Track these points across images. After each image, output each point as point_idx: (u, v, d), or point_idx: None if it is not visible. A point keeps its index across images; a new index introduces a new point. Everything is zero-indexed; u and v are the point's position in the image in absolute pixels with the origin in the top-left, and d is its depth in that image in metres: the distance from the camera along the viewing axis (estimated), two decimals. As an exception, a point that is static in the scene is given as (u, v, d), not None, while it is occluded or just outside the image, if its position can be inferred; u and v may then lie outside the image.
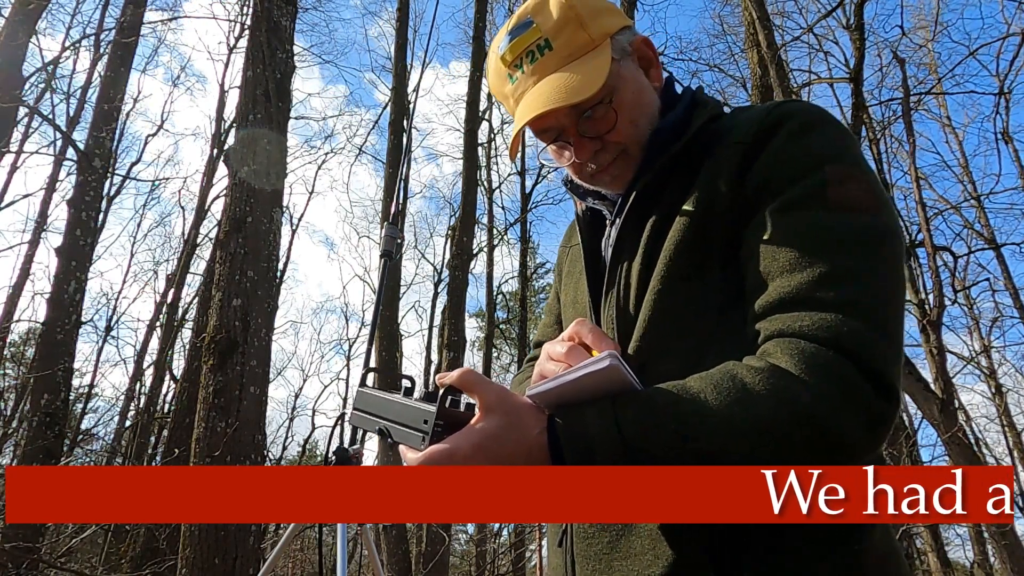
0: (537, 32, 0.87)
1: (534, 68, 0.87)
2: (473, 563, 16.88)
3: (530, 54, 0.87)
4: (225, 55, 15.53)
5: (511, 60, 0.89)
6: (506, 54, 0.89)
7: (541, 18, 0.87)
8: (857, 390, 0.65)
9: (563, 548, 0.87)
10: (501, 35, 0.91)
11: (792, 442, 0.65)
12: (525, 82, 0.88)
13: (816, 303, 0.70)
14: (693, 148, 0.86)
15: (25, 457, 6.78)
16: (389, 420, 0.77)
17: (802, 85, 10.40)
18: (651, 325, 0.82)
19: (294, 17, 6.08)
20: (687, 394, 0.68)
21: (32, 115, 10.76)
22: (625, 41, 0.90)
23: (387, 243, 2.22)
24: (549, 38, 0.86)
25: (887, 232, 0.75)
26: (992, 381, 12.74)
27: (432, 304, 18.04)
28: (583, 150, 0.90)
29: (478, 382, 0.71)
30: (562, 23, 0.86)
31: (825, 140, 0.79)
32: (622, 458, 0.66)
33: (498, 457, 0.68)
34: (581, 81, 0.83)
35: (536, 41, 0.87)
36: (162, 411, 13.68)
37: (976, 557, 11.21)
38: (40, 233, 11.26)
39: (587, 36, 0.86)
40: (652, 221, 0.86)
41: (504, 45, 0.89)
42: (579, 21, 0.86)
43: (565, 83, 0.84)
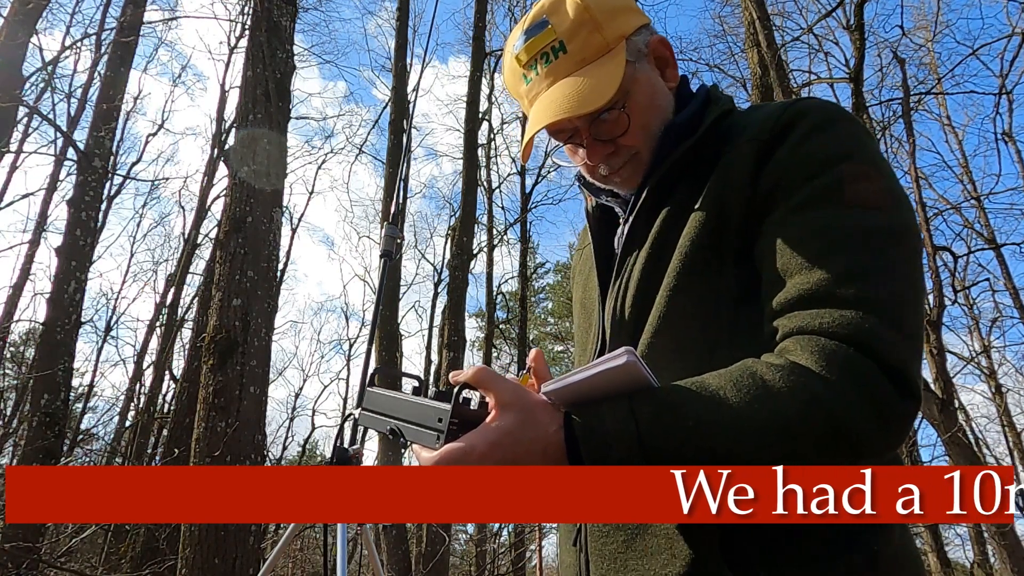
0: (552, 34, 0.86)
1: (548, 71, 0.87)
2: (473, 563, 16.88)
3: (544, 56, 0.87)
4: (225, 55, 15.53)
5: (526, 61, 0.89)
6: (521, 54, 0.89)
7: (557, 18, 0.87)
8: (878, 387, 0.65)
9: (577, 547, 0.86)
10: (516, 32, 0.91)
11: (813, 439, 0.64)
12: (539, 84, 0.88)
13: (836, 300, 0.70)
14: (706, 145, 0.86)
15: (25, 457, 6.77)
16: (401, 419, 0.76)
17: (802, 85, 10.40)
18: (663, 320, 0.81)
19: (294, 17, 6.08)
20: (706, 391, 0.67)
21: (32, 115, 10.75)
22: (641, 42, 0.90)
23: (387, 243, 2.22)
24: (564, 40, 0.86)
25: (905, 229, 0.74)
26: (992, 381, 12.73)
27: (432, 304, 18.07)
28: (595, 153, 0.90)
29: (493, 379, 0.70)
30: (577, 25, 0.86)
31: (841, 137, 0.79)
32: (639, 456, 0.65)
33: (514, 455, 0.67)
34: (593, 89, 0.83)
35: (551, 43, 0.87)
36: (162, 411, 13.67)
37: (976, 557, 11.21)
38: (40, 233, 11.26)
39: (602, 39, 0.86)
40: (663, 217, 0.86)
41: (519, 45, 0.89)
42: (594, 23, 0.86)
43: (577, 90, 0.84)
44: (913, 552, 0.78)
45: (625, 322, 0.86)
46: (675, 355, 0.80)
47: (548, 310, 23.71)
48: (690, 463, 0.64)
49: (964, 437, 8.56)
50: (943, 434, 8.12)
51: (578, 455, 0.67)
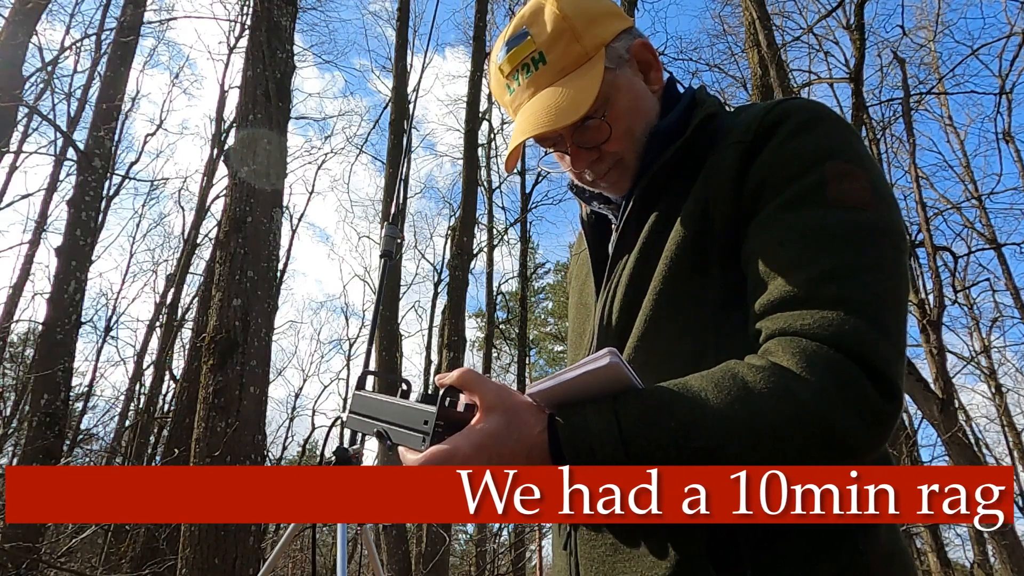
0: (532, 45, 0.87)
1: (529, 81, 0.88)
2: (473, 563, 16.87)
3: (525, 67, 0.88)
4: (225, 55, 15.53)
5: (508, 71, 0.90)
6: (503, 65, 0.90)
7: (536, 29, 0.87)
8: (858, 388, 0.65)
9: (567, 550, 0.87)
10: (499, 43, 0.92)
11: (793, 440, 0.64)
12: (521, 95, 0.89)
13: (817, 301, 0.70)
14: (693, 148, 0.86)
15: (25, 457, 6.77)
16: (387, 422, 0.77)
17: (802, 85, 10.41)
18: (651, 322, 0.82)
19: (294, 17, 6.07)
20: (688, 392, 0.68)
21: (32, 115, 10.75)
22: (622, 48, 0.90)
23: (387, 243, 2.22)
24: (543, 51, 0.87)
25: (888, 228, 0.74)
26: (992, 381, 12.74)
27: (432, 304, 18.08)
28: (580, 160, 0.91)
29: (478, 381, 0.71)
30: (556, 36, 0.86)
31: (825, 137, 0.79)
32: (623, 456, 0.66)
33: (499, 456, 0.68)
34: (572, 100, 0.84)
35: (531, 54, 0.87)
36: (162, 411, 13.68)
37: (976, 557, 11.21)
38: (40, 233, 11.26)
39: (581, 48, 0.86)
40: (651, 222, 0.86)
41: (502, 56, 0.90)
42: (573, 33, 0.86)
43: (556, 102, 0.84)
44: (902, 552, 0.78)
45: (612, 327, 0.87)
46: (661, 359, 0.80)
47: (548, 310, 23.73)
48: (673, 463, 0.64)
49: (964, 437, 8.56)
50: (943, 434, 8.11)
51: (562, 456, 0.68)
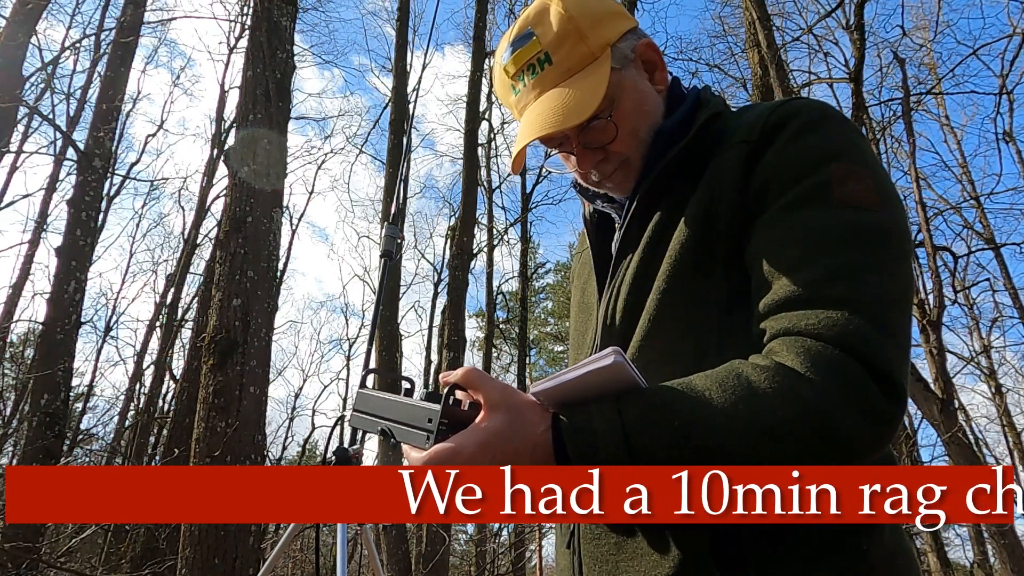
0: (537, 45, 0.87)
1: (535, 82, 0.88)
2: (473, 563, 16.87)
3: (531, 67, 0.88)
4: (225, 55, 15.53)
5: (513, 72, 0.90)
6: (508, 66, 0.90)
7: (541, 30, 0.87)
8: (862, 388, 0.65)
9: (571, 549, 0.87)
10: (504, 44, 0.91)
11: (797, 440, 0.64)
12: (527, 96, 0.89)
13: (821, 301, 0.70)
14: (697, 148, 0.86)
15: (25, 457, 6.77)
16: (391, 420, 0.77)
17: (802, 85, 10.40)
18: (654, 322, 0.82)
19: (294, 17, 6.07)
20: (692, 392, 0.67)
21: (32, 115, 10.75)
22: (627, 48, 0.90)
23: (387, 243, 2.22)
24: (549, 52, 0.86)
25: (893, 229, 0.74)
26: (992, 381, 12.73)
27: (432, 304, 18.07)
28: (585, 161, 0.90)
29: (482, 380, 0.71)
30: (561, 36, 0.86)
31: (830, 137, 0.79)
32: (626, 456, 0.66)
33: (503, 455, 0.67)
34: (578, 101, 0.83)
35: (536, 55, 0.87)
36: (162, 411, 13.69)
37: (976, 557, 11.20)
38: (40, 233, 11.26)
39: (586, 48, 0.86)
40: (655, 222, 0.86)
41: (507, 57, 0.90)
42: (579, 33, 0.86)
43: (563, 103, 0.84)
44: (907, 551, 0.78)
45: (616, 326, 0.87)
46: (664, 359, 0.80)
47: (548, 310, 23.72)
48: (676, 463, 0.64)
49: (964, 437, 8.56)
50: (943, 434, 8.11)
51: (566, 455, 0.68)
